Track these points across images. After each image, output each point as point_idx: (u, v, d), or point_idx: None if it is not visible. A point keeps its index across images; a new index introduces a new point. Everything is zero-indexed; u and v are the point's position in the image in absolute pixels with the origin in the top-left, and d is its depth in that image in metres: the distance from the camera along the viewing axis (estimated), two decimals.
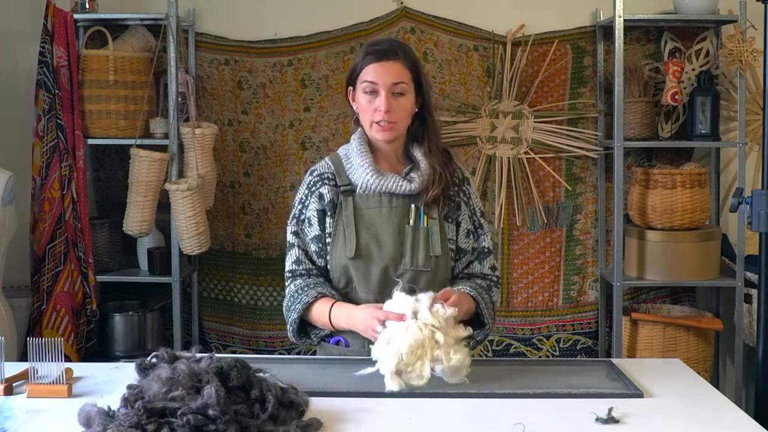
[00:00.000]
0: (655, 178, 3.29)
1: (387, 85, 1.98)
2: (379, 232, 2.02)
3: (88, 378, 1.85)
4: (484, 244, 2.12)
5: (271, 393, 1.50)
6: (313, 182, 2.08)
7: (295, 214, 2.09)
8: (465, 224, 2.09)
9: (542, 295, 3.63)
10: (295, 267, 2.06)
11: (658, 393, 1.75)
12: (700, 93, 3.35)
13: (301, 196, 2.09)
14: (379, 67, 1.99)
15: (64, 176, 3.23)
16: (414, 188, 2.02)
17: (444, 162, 2.07)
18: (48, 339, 1.74)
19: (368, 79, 1.99)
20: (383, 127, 2.00)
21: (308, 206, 2.06)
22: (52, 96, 3.20)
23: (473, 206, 2.12)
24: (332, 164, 2.09)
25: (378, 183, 2.01)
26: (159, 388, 1.44)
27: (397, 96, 1.99)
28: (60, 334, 3.17)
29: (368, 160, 2.03)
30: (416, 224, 2.04)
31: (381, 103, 1.98)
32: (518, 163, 3.56)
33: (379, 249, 2.01)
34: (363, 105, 2.02)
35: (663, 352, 3.28)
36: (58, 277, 3.22)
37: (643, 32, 3.56)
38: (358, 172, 2.03)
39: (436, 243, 2.03)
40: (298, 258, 2.06)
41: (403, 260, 2.01)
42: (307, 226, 2.06)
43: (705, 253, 3.31)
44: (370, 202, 2.03)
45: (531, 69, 3.55)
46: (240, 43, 3.56)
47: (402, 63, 2.01)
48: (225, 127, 3.57)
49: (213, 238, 3.50)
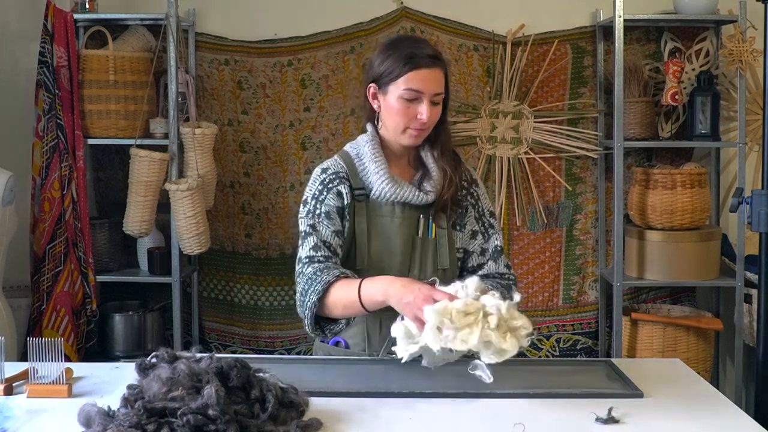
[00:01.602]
0: (655, 178, 3.29)
1: (431, 94, 1.90)
2: (390, 243, 1.97)
3: (88, 378, 1.84)
4: (497, 243, 2.06)
5: (271, 393, 1.50)
6: (329, 179, 1.97)
7: (310, 210, 1.95)
8: (471, 225, 2.05)
9: (542, 295, 3.63)
10: (313, 253, 1.90)
11: (658, 393, 1.75)
12: (700, 93, 3.35)
13: (314, 192, 1.97)
14: (426, 74, 1.89)
15: (64, 176, 3.23)
16: (429, 199, 1.97)
17: (454, 165, 2.01)
18: (48, 339, 1.74)
19: (413, 86, 1.89)
20: (418, 133, 1.93)
21: (325, 201, 1.95)
22: (52, 96, 3.20)
23: (482, 207, 2.07)
24: (344, 164, 1.99)
25: (393, 192, 1.94)
26: (159, 388, 1.44)
27: (435, 104, 1.92)
28: (60, 334, 3.17)
29: (383, 166, 1.95)
30: (425, 236, 1.99)
31: (424, 112, 1.89)
32: (518, 163, 3.56)
33: (390, 261, 1.97)
34: (398, 109, 1.91)
35: (663, 352, 3.28)
36: (58, 277, 3.22)
37: (643, 32, 3.56)
38: (373, 178, 1.95)
39: (444, 255, 2.00)
40: (316, 244, 1.91)
41: (410, 273, 1.97)
42: (326, 220, 1.93)
43: (705, 253, 3.31)
44: (383, 210, 1.97)
45: (531, 69, 3.55)
46: (240, 43, 3.55)
47: (442, 71, 1.93)
48: (225, 127, 3.57)
49: (213, 238, 3.50)
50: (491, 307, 1.64)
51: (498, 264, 2.07)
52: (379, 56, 1.96)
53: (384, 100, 1.95)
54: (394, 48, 1.94)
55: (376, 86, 1.96)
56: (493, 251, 2.06)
